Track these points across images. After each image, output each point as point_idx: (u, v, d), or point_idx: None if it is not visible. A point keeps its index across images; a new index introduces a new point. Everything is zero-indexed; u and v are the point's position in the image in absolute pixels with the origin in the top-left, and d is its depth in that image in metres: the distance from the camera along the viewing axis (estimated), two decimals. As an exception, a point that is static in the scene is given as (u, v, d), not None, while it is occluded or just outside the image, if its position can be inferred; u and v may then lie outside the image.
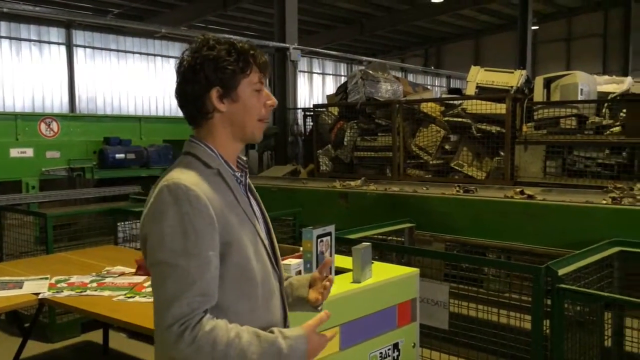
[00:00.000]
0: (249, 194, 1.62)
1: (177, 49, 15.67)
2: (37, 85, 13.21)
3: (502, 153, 6.07)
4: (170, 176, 1.45)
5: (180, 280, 1.36)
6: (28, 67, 13.05)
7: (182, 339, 1.34)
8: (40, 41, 13.22)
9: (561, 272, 2.88)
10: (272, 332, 1.45)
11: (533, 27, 18.35)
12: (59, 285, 3.30)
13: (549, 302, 2.87)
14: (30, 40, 13.05)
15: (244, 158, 1.66)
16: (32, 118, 7.20)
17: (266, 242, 1.58)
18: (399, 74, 16.97)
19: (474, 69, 6.81)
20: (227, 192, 1.50)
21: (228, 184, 1.51)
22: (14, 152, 6.70)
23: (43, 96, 13.33)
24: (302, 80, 18.14)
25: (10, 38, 12.71)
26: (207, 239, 1.39)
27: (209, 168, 1.50)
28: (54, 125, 7.17)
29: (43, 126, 7.05)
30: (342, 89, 8.14)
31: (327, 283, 1.67)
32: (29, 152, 6.82)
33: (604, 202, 4.32)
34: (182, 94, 1.53)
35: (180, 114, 1.63)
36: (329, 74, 19.89)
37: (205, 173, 1.48)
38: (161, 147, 7.97)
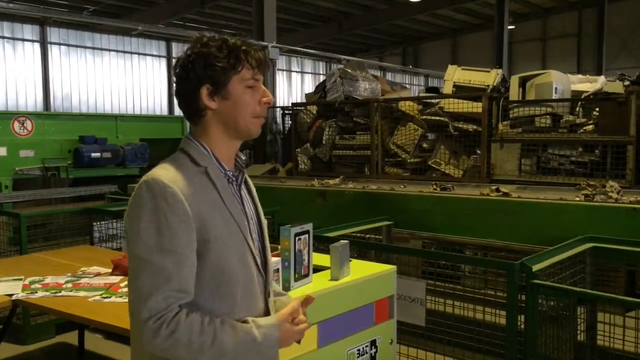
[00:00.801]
0: (242, 194, 1.62)
1: (154, 46, 15.53)
2: (10, 83, 12.96)
3: (478, 151, 6.14)
4: (151, 172, 1.48)
5: (156, 275, 1.38)
6: (1, 64, 12.80)
7: (158, 333, 1.36)
8: (14, 38, 12.97)
9: (535, 268, 2.93)
10: (246, 321, 1.48)
11: (509, 27, 18.58)
12: (33, 286, 3.25)
13: (523, 297, 2.92)
14: (3, 38, 12.79)
15: (243, 157, 1.66)
16: (5, 116, 7.07)
17: (254, 243, 1.58)
18: (378, 73, 17.06)
19: (451, 68, 6.87)
20: (212, 192, 1.50)
21: (214, 184, 1.51)
22: (-13, 151, 6.58)
23: (17, 94, 13.09)
24: (280, 79, 18.12)
25: (-18, 35, 12.45)
26: (182, 235, 1.40)
27: (197, 166, 1.51)
28: (28, 124, 7.05)
29: (17, 125, 6.93)
30: (321, 88, 8.16)
31: (302, 325, 1.60)
32: (2, 151, 6.70)
33: (577, 199, 4.41)
34: (177, 93, 1.56)
35: (157, 112, 1.63)
36: (308, 73, 19.91)
37: (192, 171, 1.49)
38: (138, 146, 7.89)
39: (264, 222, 1.70)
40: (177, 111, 14.31)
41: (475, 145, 6.23)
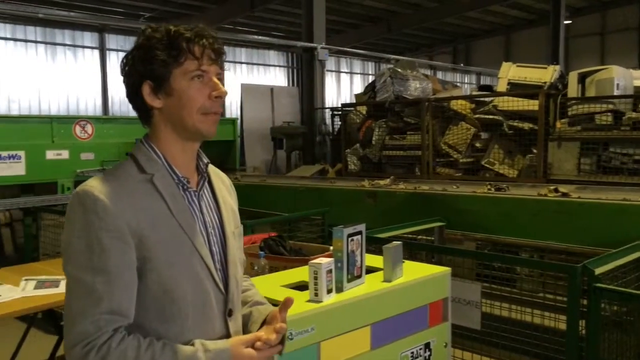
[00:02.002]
0: (203, 202, 1.46)
1: (206, 50, 15.91)
2: (71, 89, 13.52)
3: (534, 150, 5.96)
4: (87, 182, 1.34)
5: (85, 296, 1.25)
6: (63, 71, 13.37)
7: None
8: (74, 45, 13.52)
9: (598, 271, 2.81)
10: (193, 344, 1.33)
11: (566, 22, 17.97)
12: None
13: (584, 302, 2.81)
14: (64, 45, 13.36)
15: (205, 161, 1.51)
16: (67, 121, 7.37)
17: (213, 258, 1.42)
18: (428, 72, 16.84)
19: (505, 65, 6.71)
20: (158, 202, 1.34)
21: (160, 193, 1.35)
22: (50, 154, 6.87)
23: (77, 99, 13.65)
24: (329, 80, 18.16)
25: (45, 43, 13.05)
26: (114, 253, 1.26)
27: (143, 173, 1.36)
28: (89, 128, 7.33)
29: (78, 128, 7.21)
30: (370, 88, 8.12)
31: (279, 326, 1.41)
32: (65, 154, 6.98)
33: (642, 199, 4.20)
34: (126, 92, 1.42)
35: None
36: (357, 73, 19.86)
37: (135, 179, 1.35)
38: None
39: (234, 230, 1.53)
40: (229, 113, 14.57)
41: (531, 144, 6.05)
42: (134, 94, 1.39)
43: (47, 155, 6.84)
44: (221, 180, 1.58)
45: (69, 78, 13.41)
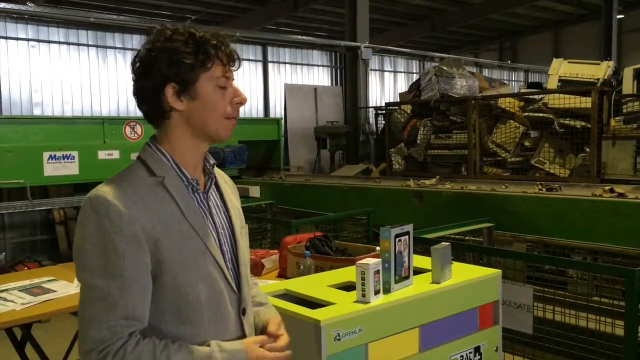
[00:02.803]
0: (211, 202, 1.46)
1: (250, 51, 16.04)
2: (121, 90, 13.91)
3: (587, 149, 5.77)
4: (98, 187, 1.33)
5: (100, 302, 1.25)
6: (113, 73, 13.76)
7: None
8: (124, 48, 13.90)
9: (658, 275, 2.69)
10: (209, 345, 1.34)
11: (619, 16, 17.31)
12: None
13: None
14: (115, 48, 13.76)
15: (212, 161, 1.50)
16: (117, 122, 7.57)
17: (224, 257, 1.43)
18: (474, 70, 16.52)
19: (556, 62, 6.51)
20: (170, 205, 1.34)
21: (172, 195, 1.35)
22: (102, 155, 7.07)
23: (127, 100, 14.01)
24: (373, 79, 18.03)
25: (96, 46, 13.45)
26: (129, 258, 1.26)
27: (153, 176, 1.36)
28: (138, 128, 7.51)
29: (128, 129, 7.40)
30: (415, 87, 8.03)
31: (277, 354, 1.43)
32: (115, 154, 7.17)
33: None
34: (137, 92, 1.40)
35: (254, 115, 1.56)
36: (401, 72, 19.66)
37: (146, 182, 1.34)
38: (237, 148, 8.17)
39: (241, 230, 1.53)
40: (273, 113, 14.71)
41: (583, 142, 5.86)
42: (152, 95, 1.37)
43: (99, 155, 7.05)
44: (224, 181, 1.58)
45: (119, 80, 13.79)
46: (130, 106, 14.00)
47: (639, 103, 5.52)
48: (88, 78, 13.26)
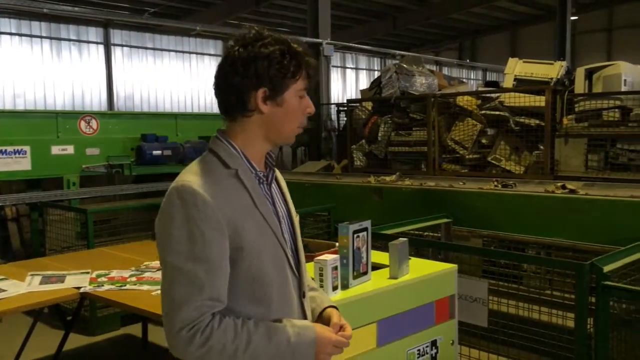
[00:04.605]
0: (273, 193, 1.57)
1: (211, 46, 15.84)
2: (76, 84, 13.53)
3: (541, 147, 5.92)
4: (181, 177, 1.43)
5: (189, 284, 1.35)
6: (68, 66, 13.37)
7: (192, 342, 1.34)
8: (79, 41, 13.52)
9: (606, 269, 2.79)
10: (280, 321, 1.46)
11: (572, 17, 17.83)
12: (99, 279, 3.37)
13: (592, 299, 2.79)
14: (69, 40, 13.37)
15: (273, 155, 1.61)
16: (72, 116, 7.37)
17: (287, 245, 1.54)
18: (434, 68, 16.76)
19: (512, 61, 6.66)
20: (244, 195, 1.45)
21: (245, 186, 1.46)
22: (55, 150, 6.87)
23: (82, 94, 13.65)
24: (335, 76, 18.09)
25: (50, 38, 13.05)
26: (214, 244, 1.37)
27: (228, 168, 1.46)
28: (94, 123, 7.32)
29: (83, 124, 7.21)
30: (376, 84, 8.08)
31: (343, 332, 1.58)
32: (70, 150, 6.98)
33: (650, 196, 4.17)
34: (227, 84, 1.47)
35: (215, 110, 1.59)
36: (362, 69, 19.78)
37: (222, 174, 1.45)
38: (197, 143, 8.06)
39: (296, 219, 1.64)
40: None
41: (537, 140, 6.01)
42: (239, 92, 1.45)
43: (52, 150, 6.85)
44: (278, 174, 1.68)
45: (74, 73, 13.42)
46: (85, 100, 13.64)
47: (590, 102, 5.70)
48: (42, 71, 12.85)
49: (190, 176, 1.42)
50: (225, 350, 1.36)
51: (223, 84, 1.48)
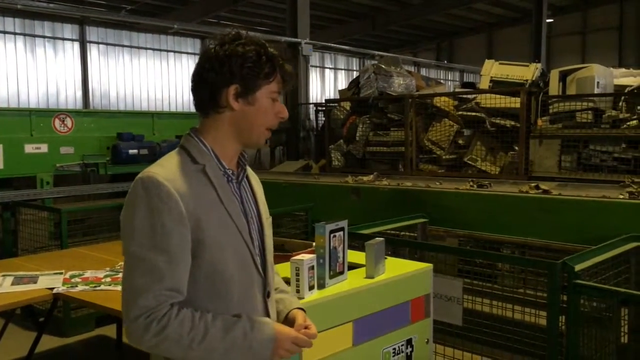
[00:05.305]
0: (243, 192, 1.59)
1: (189, 45, 15.73)
2: (51, 81, 13.32)
3: (516, 147, 6.01)
4: (148, 169, 1.45)
5: (148, 273, 1.38)
6: (42, 63, 13.16)
7: (148, 330, 1.36)
8: (54, 38, 13.31)
9: (577, 267, 2.84)
10: (239, 316, 1.47)
11: (548, 20, 18.13)
12: (73, 280, 3.32)
13: (564, 298, 2.84)
14: (44, 37, 13.15)
15: (246, 155, 1.62)
16: (46, 114, 7.26)
17: (253, 243, 1.55)
18: (412, 69, 16.89)
19: (488, 63, 6.74)
20: (210, 191, 1.47)
21: (212, 182, 1.48)
22: (29, 148, 6.76)
23: (57, 92, 13.44)
24: (313, 75, 18.12)
25: (24, 35, 12.82)
26: (176, 235, 1.39)
27: (196, 164, 1.48)
28: (68, 121, 7.22)
29: (57, 122, 7.10)
30: (354, 84, 8.11)
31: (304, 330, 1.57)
32: (44, 148, 6.88)
33: (621, 196, 4.25)
34: (201, 80, 1.51)
35: (193, 109, 1.61)
36: (341, 69, 19.85)
37: (190, 169, 1.47)
38: (174, 143, 7.99)
39: (267, 220, 1.65)
40: (212, 108, 14.51)
41: (513, 141, 6.10)
42: (212, 88, 1.48)
43: (25, 149, 6.73)
44: (252, 174, 1.71)
45: (48, 70, 13.20)
46: (60, 98, 13.43)
47: (564, 104, 5.80)
48: (15, 68, 12.62)
49: (157, 168, 1.45)
50: (181, 341, 1.37)
51: (198, 80, 1.51)
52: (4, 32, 12.41)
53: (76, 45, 13.73)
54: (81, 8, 13.43)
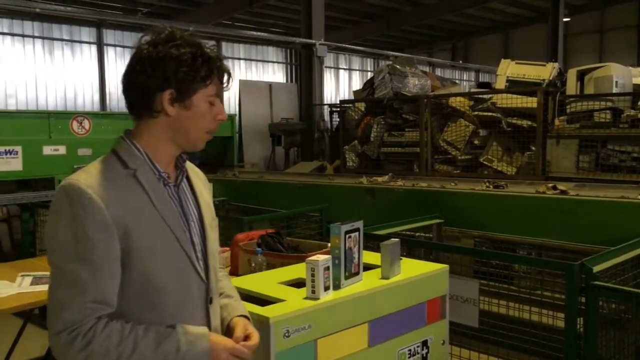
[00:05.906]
0: (182, 195, 1.52)
1: (204, 46, 15.82)
2: (69, 84, 13.46)
3: (533, 148, 5.96)
4: (72, 176, 1.38)
5: (71, 285, 1.31)
6: (60, 66, 13.31)
7: (72, 346, 1.29)
8: (72, 41, 13.46)
9: (596, 269, 2.81)
10: (173, 327, 1.39)
11: (565, 19, 17.94)
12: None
13: (582, 299, 2.81)
14: (62, 40, 13.30)
15: (184, 157, 1.55)
16: (64, 116, 7.32)
17: (195, 248, 1.48)
18: (427, 69, 16.81)
19: (504, 62, 6.70)
20: (141, 196, 1.40)
21: (144, 187, 1.41)
22: (47, 150, 6.83)
23: (75, 94, 13.58)
24: (328, 76, 18.10)
25: (42, 38, 12.98)
26: (101, 245, 1.32)
27: (126, 168, 1.41)
28: (86, 123, 7.29)
29: (75, 124, 7.17)
30: (369, 85, 8.11)
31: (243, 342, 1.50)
32: (62, 150, 6.94)
33: (640, 197, 4.20)
34: (133, 83, 1.43)
35: None
36: (356, 70, 19.81)
37: (119, 174, 1.40)
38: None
39: (211, 223, 1.58)
40: (227, 109, 14.56)
41: (529, 141, 6.05)
42: (146, 92, 1.41)
43: (44, 150, 6.79)
44: (196, 175, 1.63)
45: (66, 73, 13.35)
46: (78, 100, 13.58)
47: (581, 103, 5.74)
48: (34, 71, 12.78)
49: (82, 175, 1.37)
50: (108, 356, 1.30)
51: (128, 82, 1.44)
52: (23, 36, 12.58)
53: (93, 47, 13.86)
54: (98, 11, 13.59)
